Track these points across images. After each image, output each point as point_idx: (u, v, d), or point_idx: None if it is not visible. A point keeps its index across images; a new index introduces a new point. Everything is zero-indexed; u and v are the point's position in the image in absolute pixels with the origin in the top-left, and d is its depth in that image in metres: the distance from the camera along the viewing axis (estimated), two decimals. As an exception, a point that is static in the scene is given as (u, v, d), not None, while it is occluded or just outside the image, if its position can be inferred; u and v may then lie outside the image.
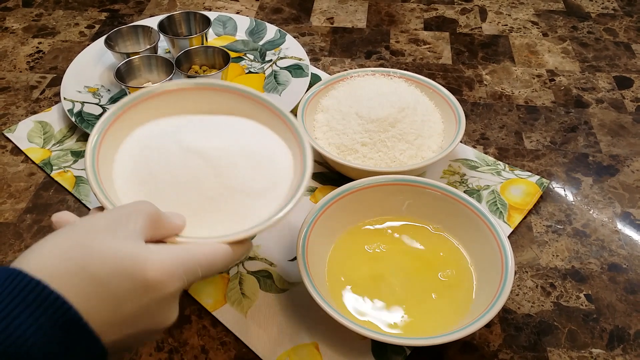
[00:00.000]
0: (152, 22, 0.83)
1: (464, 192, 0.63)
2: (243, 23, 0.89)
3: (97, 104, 0.73)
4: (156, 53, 0.77)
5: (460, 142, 0.69)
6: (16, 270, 0.30)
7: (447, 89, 0.70)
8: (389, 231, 0.57)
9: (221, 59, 0.75)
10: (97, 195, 0.41)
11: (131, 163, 0.45)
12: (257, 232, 0.41)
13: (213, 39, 0.86)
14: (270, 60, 0.81)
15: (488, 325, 0.51)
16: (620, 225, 0.61)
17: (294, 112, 0.72)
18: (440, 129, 0.66)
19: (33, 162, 0.67)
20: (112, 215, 0.35)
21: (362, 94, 0.67)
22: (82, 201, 0.62)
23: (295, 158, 0.48)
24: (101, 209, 0.40)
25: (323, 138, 0.65)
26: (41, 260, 0.31)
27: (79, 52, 0.81)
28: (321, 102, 0.69)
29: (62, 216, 0.38)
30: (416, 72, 0.76)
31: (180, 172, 0.43)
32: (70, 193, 0.64)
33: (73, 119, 0.70)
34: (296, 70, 0.78)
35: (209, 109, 0.51)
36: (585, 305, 0.54)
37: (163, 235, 0.38)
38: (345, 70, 0.80)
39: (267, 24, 0.88)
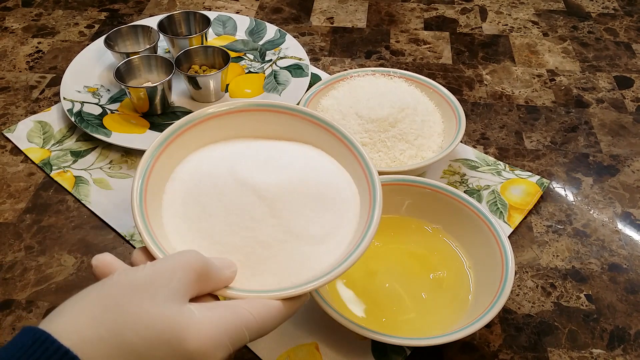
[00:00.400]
0: (152, 21, 0.82)
1: (464, 192, 0.63)
2: (243, 23, 0.88)
3: (96, 103, 0.73)
4: (156, 53, 0.77)
5: (461, 142, 0.69)
6: (45, 333, 0.28)
7: (447, 88, 0.70)
8: (388, 231, 0.56)
9: (221, 58, 0.75)
10: (144, 237, 0.37)
11: (182, 195, 0.41)
12: (316, 287, 0.36)
13: (213, 38, 0.86)
14: (270, 60, 0.81)
15: (488, 326, 0.51)
16: (620, 226, 0.61)
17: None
18: (440, 129, 0.66)
19: (33, 162, 0.67)
20: (153, 271, 0.32)
21: (362, 94, 0.67)
22: (82, 201, 0.62)
23: (363, 195, 0.43)
24: (144, 249, 0.37)
25: None
26: (71, 324, 0.29)
27: (79, 52, 0.81)
28: (321, 102, 0.69)
29: (104, 260, 0.34)
30: (416, 72, 0.76)
31: (235, 211, 0.39)
32: (70, 193, 0.64)
33: (73, 119, 0.70)
34: (296, 70, 0.78)
35: (268, 134, 0.46)
36: (586, 306, 0.53)
37: (211, 288, 0.35)
38: (345, 70, 0.80)
39: (267, 24, 0.87)
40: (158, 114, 0.72)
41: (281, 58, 0.81)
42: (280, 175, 0.41)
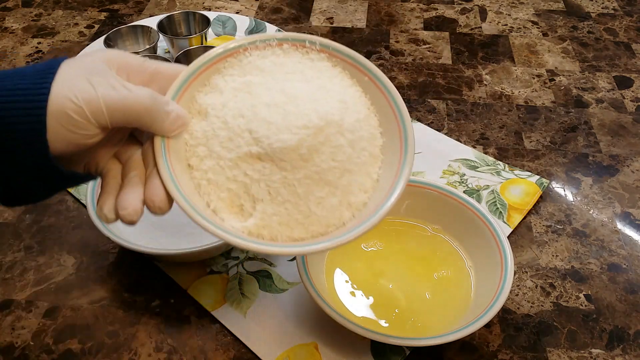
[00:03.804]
0: (152, 22, 0.83)
1: (464, 192, 0.63)
2: (242, 23, 0.88)
3: (96, 104, 0.73)
4: (156, 53, 0.77)
5: (460, 142, 0.69)
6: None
7: (447, 89, 0.70)
8: (388, 231, 0.57)
9: (221, 58, 0.75)
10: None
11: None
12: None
13: (212, 38, 0.86)
14: (270, 60, 0.81)
15: (488, 326, 0.51)
16: (620, 225, 0.61)
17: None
18: (378, 146, 0.39)
19: (32, 162, 0.67)
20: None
21: (260, 92, 0.37)
22: (81, 201, 0.62)
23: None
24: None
25: (200, 170, 0.36)
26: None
27: (79, 52, 0.81)
28: (199, 100, 0.38)
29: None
30: (416, 72, 0.75)
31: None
32: (69, 193, 0.64)
33: (72, 119, 0.70)
34: (296, 70, 0.78)
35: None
36: (585, 306, 0.53)
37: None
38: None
39: (267, 24, 0.88)
40: (158, 114, 0.72)
41: (281, 58, 0.81)
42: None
